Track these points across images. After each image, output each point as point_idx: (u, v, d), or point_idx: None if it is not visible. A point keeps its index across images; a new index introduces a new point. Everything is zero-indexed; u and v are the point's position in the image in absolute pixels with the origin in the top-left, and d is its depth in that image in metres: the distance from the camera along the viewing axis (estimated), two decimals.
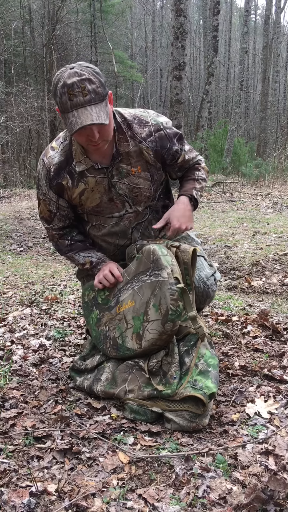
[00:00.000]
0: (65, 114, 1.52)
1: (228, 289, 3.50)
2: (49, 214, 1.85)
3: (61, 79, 1.50)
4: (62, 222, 1.87)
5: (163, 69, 26.83)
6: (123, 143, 1.73)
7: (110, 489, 1.25)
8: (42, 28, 18.30)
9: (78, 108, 1.50)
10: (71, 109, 1.50)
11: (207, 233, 5.52)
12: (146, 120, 1.76)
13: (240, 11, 34.11)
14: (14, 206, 8.70)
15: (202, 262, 1.88)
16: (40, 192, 1.82)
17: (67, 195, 1.78)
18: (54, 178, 1.75)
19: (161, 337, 1.63)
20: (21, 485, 1.26)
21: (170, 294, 1.59)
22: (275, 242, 4.67)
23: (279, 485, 1.17)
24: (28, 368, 1.99)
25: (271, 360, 2.00)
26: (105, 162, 1.73)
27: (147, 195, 1.83)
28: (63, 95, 1.49)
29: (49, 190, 1.79)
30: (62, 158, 1.74)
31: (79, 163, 1.72)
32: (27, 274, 3.91)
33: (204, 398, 1.49)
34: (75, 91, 1.48)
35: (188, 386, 1.54)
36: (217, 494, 1.21)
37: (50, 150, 1.77)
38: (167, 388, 1.57)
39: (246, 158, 14.24)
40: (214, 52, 14.43)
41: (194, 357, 1.61)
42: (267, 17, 20.44)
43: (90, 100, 1.50)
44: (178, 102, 9.76)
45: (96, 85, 1.51)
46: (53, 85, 1.54)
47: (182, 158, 1.85)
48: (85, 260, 1.88)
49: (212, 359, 1.60)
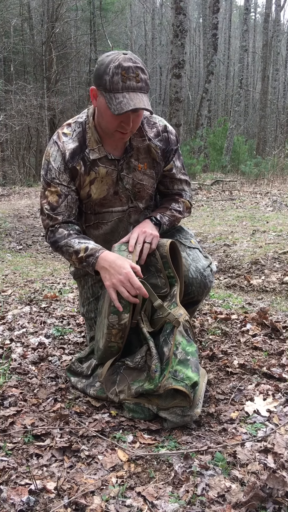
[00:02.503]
0: (113, 94, 1.53)
1: (227, 287, 3.50)
2: (57, 199, 1.72)
3: (115, 60, 1.52)
4: (68, 211, 1.74)
5: (163, 67, 26.80)
6: (137, 138, 1.75)
7: (109, 487, 1.25)
8: (41, 26, 18.27)
9: (129, 92, 1.53)
10: (122, 90, 1.53)
11: (206, 231, 5.52)
12: (154, 121, 1.80)
13: (239, 9, 34.06)
14: (13, 204, 8.69)
15: (197, 254, 1.87)
16: (49, 177, 1.72)
17: (79, 181, 1.75)
18: (70, 162, 1.71)
19: (110, 331, 1.60)
20: (20, 483, 1.26)
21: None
22: (274, 240, 4.67)
23: (278, 483, 1.17)
24: (27, 366, 1.99)
25: (270, 358, 2.00)
26: (117, 154, 1.74)
27: (149, 193, 1.84)
28: (116, 75, 1.51)
29: (62, 173, 1.71)
30: (76, 144, 1.73)
31: (92, 151, 1.72)
32: (26, 272, 3.91)
33: (186, 389, 1.48)
34: (130, 74, 1.52)
35: (170, 377, 1.53)
36: (216, 492, 1.21)
37: (63, 136, 1.74)
38: (150, 383, 1.57)
39: (246, 156, 14.24)
40: (213, 50, 14.41)
41: (172, 345, 1.60)
42: (267, 15, 20.41)
43: (141, 87, 1.55)
44: (178, 100, 9.74)
45: (147, 77, 1.58)
46: (102, 64, 1.54)
47: (169, 168, 1.85)
48: (81, 246, 1.67)
49: (190, 346, 1.59)
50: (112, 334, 1.63)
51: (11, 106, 14.73)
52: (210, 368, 1.95)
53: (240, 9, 31.55)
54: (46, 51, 17.47)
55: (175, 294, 1.71)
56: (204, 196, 9.48)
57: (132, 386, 1.62)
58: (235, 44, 30.45)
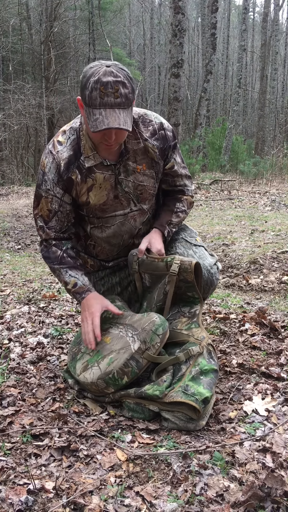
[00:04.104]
0: (91, 109, 1.51)
1: (226, 287, 3.50)
2: (47, 214, 1.77)
3: (96, 74, 1.49)
4: (60, 224, 1.80)
5: (161, 66, 26.79)
6: (131, 141, 1.73)
7: (107, 487, 1.25)
8: (40, 25, 18.24)
9: (106, 108, 1.49)
10: (99, 106, 1.49)
11: (205, 231, 5.53)
12: (150, 119, 1.78)
13: (238, 8, 34.07)
14: (12, 204, 8.69)
15: (203, 251, 1.88)
16: (43, 189, 1.74)
17: (76, 190, 1.74)
18: (65, 173, 1.71)
19: (91, 381, 1.64)
20: (19, 482, 1.26)
21: (123, 364, 1.58)
22: (273, 240, 4.67)
23: (276, 482, 1.17)
24: (26, 366, 1.99)
25: (269, 357, 2.00)
26: (112, 159, 1.72)
27: (151, 193, 1.83)
28: (94, 90, 1.48)
29: (55, 185, 1.72)
30: (71, 153, 1.71)
31: (87, 158, 1.70)
32: (25, 272, 3.91)
33: (197, 404, 1.47)
34: (108, 90, 1.47)
35: (180, 391, 1.52)
36: (215, 492, 1.21)
37: (57, 144, 1.73)
38: (155, 389, 1.56)
39: (244, 156, 14.23)
40: (212, 49, 14.41)
41: (191, 365, 1.60)
42: (266, 14, 20.42)
43: (120, 103, 1.49)
44: (176, 100, 9.74)
45: (128, 91, 1.51)
46: (84, 76, 1.52)
47: (170, 166, 1.85)
48: (70, 280, 1.78)
49: (208, 366, 1.59)
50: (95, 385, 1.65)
51: (10, 106, 14.71)
52: None
53: (239, 8, 31.58)
54: (45, 51, 17.43)
55: (197, 314, 1.72)
56: (202, 195, 9.48)
57: (133, 387, 1.62)
58: (234, 43, 30.45)
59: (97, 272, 1.97)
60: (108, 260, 1.95)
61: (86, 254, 1.95)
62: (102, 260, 1.95)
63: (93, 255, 1.94)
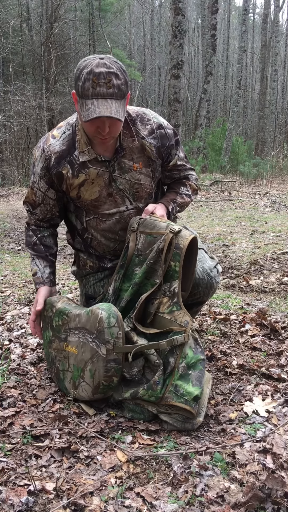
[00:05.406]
0: (83, 100, 1.53)
1: (226, 288, 3.50)
2: (33, 203, 1.87)
3: (89, 66, 1.51)
4: (43, 215, 1.89)
5: (162, 67, 26.81)
6: (127, 139, 1.74)
7: (108, 488, 1.25)
8: (40, 26, 18.26)
9: (99, 98, 1.51)
10: (91, 96, 1.51)
11: (205, 232, 5.53)
12: (148, 118, 1.79)
13: (238, 9, 34.10)
14: (12, 205, 8.69)
15: (203, 254, 1.87)
16: (31, 180, 1.83)
17: (66, 184, 1.77)
18: (54, 167, 1.74)
19: (91, 399, 1.65)
20: (19, 483, 1.26)
21: (105, 371, 1.56)
22: (273, 240, 4.68)
23: (276, 483, 1.17)
24: (26, 367, 1.99)
25: (269, 358, 2.00)
26: (107, 156, 1.73)
27: (148, 191, 1.83)
28: (87, 81, 1.50)
29: (40, 179, 1.79)
30: (63, 147, 1.73)
31: (82, 153, 1.72)
32: (25, 273, 3.91)
33: (187, 405, 1.48)
34: (100, 80, 1.49)
35: (172, 391, 1.53)
36: (215, 493, 1.21)
37: (50, 138, 1.76)
38: (150, 394, 1.55)
39: (245, 157, 14.25)
40: (212, 51, 14.43)
41: (178, 356, 1.56)
42: (266, 16, 20.45)
43: (112, 94, 1.51)
44: (177, 101, 9.75)
45: (121, 82, 1.53)
46: (78, 69, 1.54)
47: (174, 163, 1.86)
48: (33, 268, 1.90)
49: (195, 358, 1.56)
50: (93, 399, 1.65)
51: (10, 107, 14.71)
52: (209, 369, 1.95)
53: (239, 10, 31.60)
54: (45, 52, 17.44)
55: (176, 293, 1.63)
56: (203, 196, 9.48)
57: (125, 394, 1.61)
58: (234, 44, 30.44)
59: (96, 274, 1.96)
60: (105, 255, 1.93)
61: (86, 251, 1.95)
62: (101, 258, 1.94)
63: (91, 250, 1.93)
